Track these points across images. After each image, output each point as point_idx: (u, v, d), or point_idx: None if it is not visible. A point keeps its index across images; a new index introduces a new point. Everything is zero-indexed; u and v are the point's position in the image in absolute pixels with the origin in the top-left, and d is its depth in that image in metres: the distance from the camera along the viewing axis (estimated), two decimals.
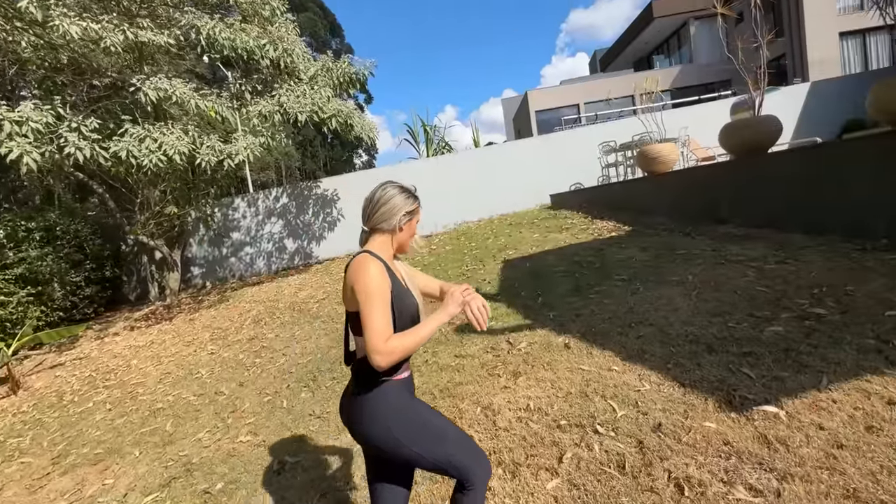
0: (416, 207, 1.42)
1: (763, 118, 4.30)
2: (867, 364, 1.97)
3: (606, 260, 4.51)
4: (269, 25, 6.32)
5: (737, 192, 4.62)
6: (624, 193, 6.74)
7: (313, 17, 42.38)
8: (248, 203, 9.30)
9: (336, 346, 3.95)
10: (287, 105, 5.88)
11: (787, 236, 4.07)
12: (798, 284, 2.97)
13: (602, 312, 3.24)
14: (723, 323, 2.66)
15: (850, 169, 3.57)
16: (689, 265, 3.85)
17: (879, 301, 2.50)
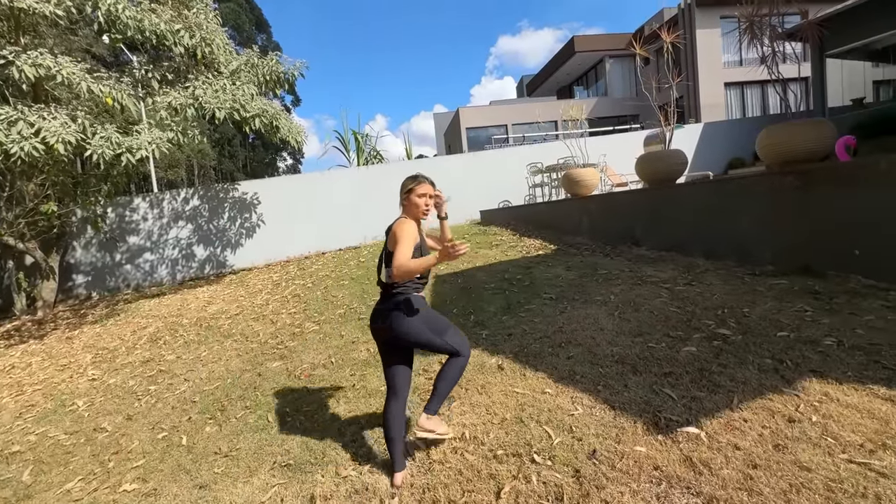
0: (413, 187, 2.07)
1: (673, 152, 4.75)
2: (768, 383, 2.16)
3: (535, 278, 4.63)
4: (185, 10, 5.68)
5: (649, 218, 5.02)
6: (549, 213, 7.06)
7: (237, 8, 39.85)
8: (150, 204, 8.25)
9: (250, 370, 3.55)
10: (203, 99, 5.28)
11: (692, 260, 4.49)
12: (704, 306, 3.24)
13: (533, 332, 3.28)
14: (644, 343, 2.79)
15: (740, 203, 4.03)
16: (611, 285, 4.07)
17: (771, 322, 2.80)
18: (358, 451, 2.21)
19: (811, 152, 3.50)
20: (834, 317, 2.75)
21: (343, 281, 5.86)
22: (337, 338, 3.90)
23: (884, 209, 3.01)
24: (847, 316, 2.74)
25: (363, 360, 3.33)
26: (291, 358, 3.61)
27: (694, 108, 16.62)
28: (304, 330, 4.24)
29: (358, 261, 7.10)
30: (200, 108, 5.30)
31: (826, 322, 2.70)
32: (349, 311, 4.56)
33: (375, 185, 9.68)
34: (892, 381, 2.04)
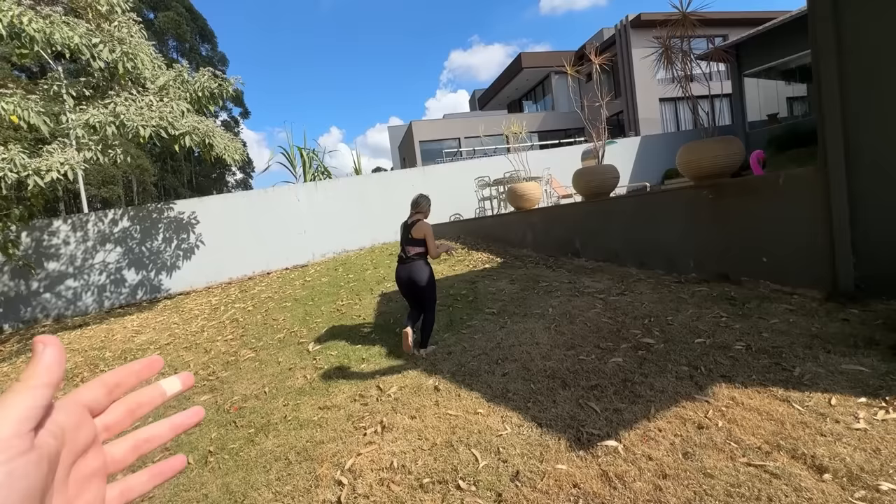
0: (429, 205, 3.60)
1: (605, 167, 4.98)
2: (682, 390, 2.27)
3: (479, 293, 4.67)
4: (105, 23, 5.33)
5: (587, 230, 5.22)
6: (496, 226, 7.19)
7: (177, 17, 38.29)
8: (72, 226, 7.60)
9: (175, 406, 3.30)
10: (126, 116, 4.93)
11: (626, 270, 4.70)
12: (634, 315, 3.39)
13: (472, 349, 3.28)
14: (575, 356, 2.87)
15: (665, 215, 4.28)
16: (550, 297, 4.18)
17: (690, 330, 2.96)
18: (282, 490, 2.10)
19: (723, 167, 3.78)
20: (745, 321, 2.95)
21: (286, 303, 5.65)
22: (273, 365, 3.73)
23: (784, 220, 3.29)
24: (756, 320, 2.95)
25: (298, 388, 3.19)
26: (222, 390, 3.41)
27: (633, 122, 17.63)
28: (239, 358, 4.03)
29: (304, 280, 6.89)
30: (122, 126, 4.94)
31: (738, 327, 2.89)
32: (289, 336, 4.39)
33: (322, 201, 9.48)
34: (788, 382, 2.20)
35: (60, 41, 4.59)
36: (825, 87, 2.94)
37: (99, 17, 5.35)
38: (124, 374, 0.33)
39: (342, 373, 3.30)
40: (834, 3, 2.82)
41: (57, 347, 0.28)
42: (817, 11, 2.90)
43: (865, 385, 2.04)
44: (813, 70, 3.04)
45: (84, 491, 0.29)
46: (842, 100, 2.89)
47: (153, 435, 0.35)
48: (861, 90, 2.81)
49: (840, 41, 2.85)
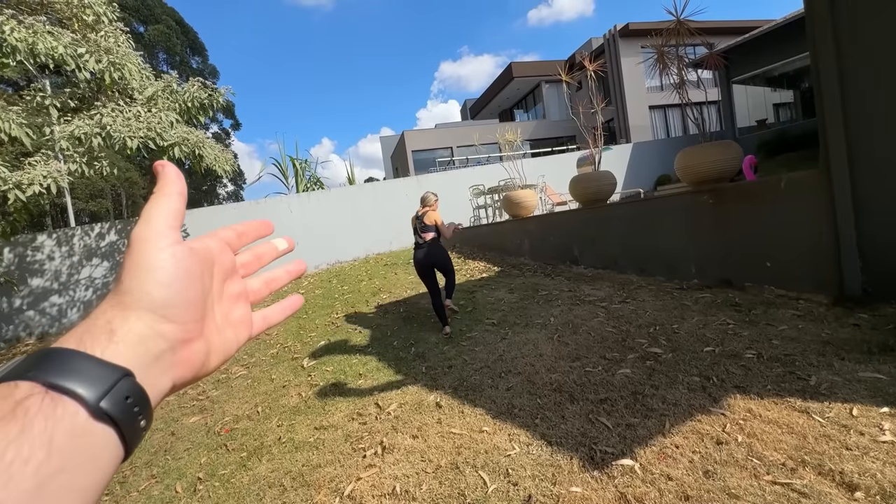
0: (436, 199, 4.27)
1: (602, 173, 4.93)
2: (696, 402, 2.17)
3: (478, 303, 4.57)
4: (91, 33, 5.21)
5: (585, 237, 5.16)
6: (492, 235, 7.12)
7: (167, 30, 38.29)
8: (57, 241, 7.39)
9: (163, 429, 3.15)
10: (112, 128, 4.80)
11: (626, 277, 4.64)
12: (638, 323, 3.31)
13: (474, 362, 3.18)
14: (581, 368, 2.77)
15: (665, 220, 4.23)
16: (551, 306, 4.09)
17: (698, 338, 2.88)
18: None
19: (721, 172, 3.74)
20: (753, 329, 2.87)
21: None
22: (266, 382, 3.58)
23: (786, 224, 3.24)
24: (764, 327, 2.88)
25: (293, 406, 3.06)
26: (212, 410, 3.26)
27: (624, 130, 17.78)
28: (231, 375, 3.88)
29: (297, 292, 6.73)
30: (108, 138, 4.80)
31: (746, 334, 2.81)
32: (282, 351, 4.25)
33: (315, 212, 9.35)
34: (805, 392, 2.12)
35: (44, 51, 4.46)
36: (825, 88, 2.92)
37: (85, 27, 5.23)
38: (247, 225, 0.40)
39: (339, 389, 3.17)
40: (831, 2, 2.80)
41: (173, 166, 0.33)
42: (815, 10, 2.88)
43: (886, 394, 1.96)
44: (812, 71, 3.01)
45: (235, 307, 0.36)
46: (843, 100, 2.86)
47: (276, 276, 0.42)
48: (863, 90, 2.78)
49: (839, 40, 2.83)
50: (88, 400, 0.23)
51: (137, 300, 0.27)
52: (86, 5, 5.10)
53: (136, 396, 0.25)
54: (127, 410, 0.25)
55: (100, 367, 0.24)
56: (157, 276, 0.28)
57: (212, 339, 0.32)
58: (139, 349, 0.26)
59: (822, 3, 2.84)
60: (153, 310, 0.27)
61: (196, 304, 0.30)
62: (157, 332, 0.27)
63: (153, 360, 0.27)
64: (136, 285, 0.28)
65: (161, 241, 0.29)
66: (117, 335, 0.26)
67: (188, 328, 0.29)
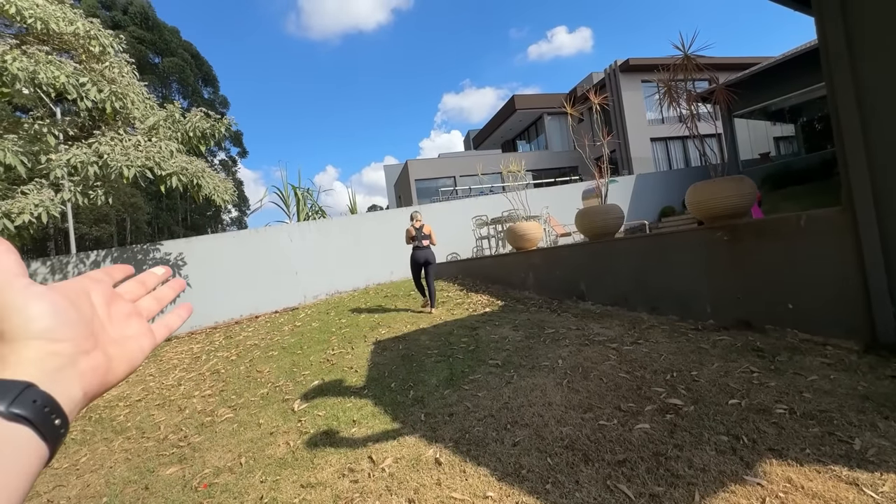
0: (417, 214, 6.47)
1: (609, 206, 4.80)
2: (727, 468, 1.94)
3: (481, 341, 4.35)
4: (95, 63, 5.24)
5: (593, 272, 4.98)
6: (496, 267, 6.94)
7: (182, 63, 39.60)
8: (51, 268, 7.25)
9: (136, 481, 2.89)
10: (110, 157, 4.73)
11: (637, 315, 4.42)
12: (654, 369, 3.08)
13: (477, 410, 2.93)
14: (594, 420, 2.54)
15: (678, 257, 4.05)
16: (558, 346, 3.86)
17: (721, 388, 2.65)
18: None
19: (736, 207, 3.60)
20: (780, 378, 2.65)
21: (272, 351, 5.26)
22: (253, 428, 3.33)
23: (809, 264, 3.06)
24: (792, 377, 2.65)
25: (279, 458, 2.80)
26: (192, 460, 3.00)
27: (626, 161, 17.89)
28: (216, 419, 3.62)
29: (293, 325, 6.51)
30: (105, 167, 4.73)
31: (773, 385, 2.58)
32: (273, 391, 4.00)
33: (315, 241, 9.23)
34: (850, 458, 1.88)
35: (45, 80, 4.45)
36: (844, 123, 2.80)
37: (91, 57, 5.28)
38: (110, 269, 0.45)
39: (330, 439, 2.92)
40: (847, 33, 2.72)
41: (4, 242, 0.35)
42: (829, 42, 2.80)
43: None
44: (829, 105, 2.91)
45: (129, 324, 0.41)
46: (864, 134, 2.74)
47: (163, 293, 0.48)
48: (882, 120, 2.66)
49: (856, 72, 2.73)
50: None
51: (18, 335, 0.30)
52: (92, 37, 5.16)
53: (42, 400, 0.29)
54: (37, 411, 0.29)
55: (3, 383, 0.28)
56: (26, 312, 0.31)
57: (110, 351, 0.36)
58: (34, 368, 0.30)
59: (838, 35, 2.76)
60: (38, 337, 0.31)
61: (77, 323, 0.34)
62: (50, 352, 0.31)
63: (54, 374, 0.31)
64: (11, 326, 0.30)
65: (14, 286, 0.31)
66: (9, 360, 0.30)
67: (79, 343, 0.33)
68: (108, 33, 5.39)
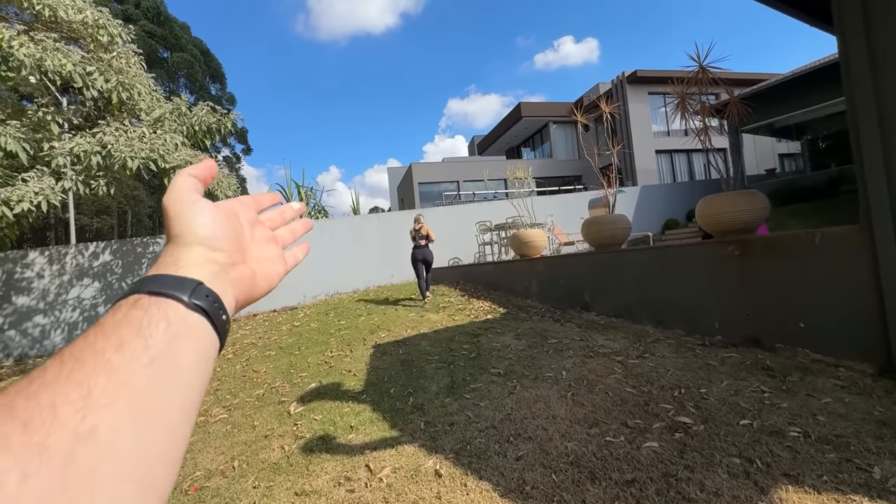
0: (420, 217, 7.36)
1: (617, 217, 4.74)
2: (741, 493, 1.86)
3: (482, 348, 4.27)
4: (103, 52, 5.19)
5: (598, 282, 4.91)
6: (499, 274, 6.87)
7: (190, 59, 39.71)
8: (49, 259, 7.17)
9: None
10: (114, 147, 4.67)
11: (641, 328, 4.35)
12: (661, 384, 3.00)
13: (478, 420, 2.85)
14: (601, 436, 2.45)
15: (686, 270, 3.98)
16: (562, 357, 3.79)
17: (731, 407, 2.57)
18: None
19: (747, 222, 3.53)
20: (792, 399, 2.57)
21: (269, 351, 5.18)
22: (248, 430, 3.25)
23: (823, 283, 2.99)
24: (804, 398, 2.58)
25: (273, 463, 2.72)
26: (183, 461, 2.91)
27: (630, 172, 17.87)
28: (210, 419, 3.54)
29: (291, 325, 6.43)
30: (108, 157, 4.67)
31: (785, 406, 2.51)
32: (269, 392, 3.92)
33: (318, 240, 9.16)
34: (870, 487, 1.81)
35: (52, 67, 4.39)
36: (865, 140, 2.74)
37: (99, 47, 5.23)
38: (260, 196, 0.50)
39: (326, 444, 2.84)
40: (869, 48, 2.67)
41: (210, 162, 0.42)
42: (851, 57, 2.75)
43: None
44: (849, 121, 2.85)
45: (267, 247, 0.45)
46: (884, 151, 2.68)
47: (297, 227, 0.54)
48: None
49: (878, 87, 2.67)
50: (182, 297, 0.32)
51: (188, 239, 0.36)
52: (100, 26, 5.11)
53: (212, 295, 0.34)
54: (211, 304, 0.34)
55: (180, 279, 0.33)
56: (196, 220, 0.37)
57: (255, 266, 0.42)
58: (199, 270, 0.35)
59: (860, 53, 2.71)
60: (201, 243, 0.36)
61: (231, 237, 0.39)
62: (209, 258, 0.36)
63: (213, 277, 0.36)
64: (182, 230, 0.36)
65: (187, 198, 0.38)
66: (181, 261, 0.35)
67: (231, 254, 0.39)
68: (117, 23, 5.35)
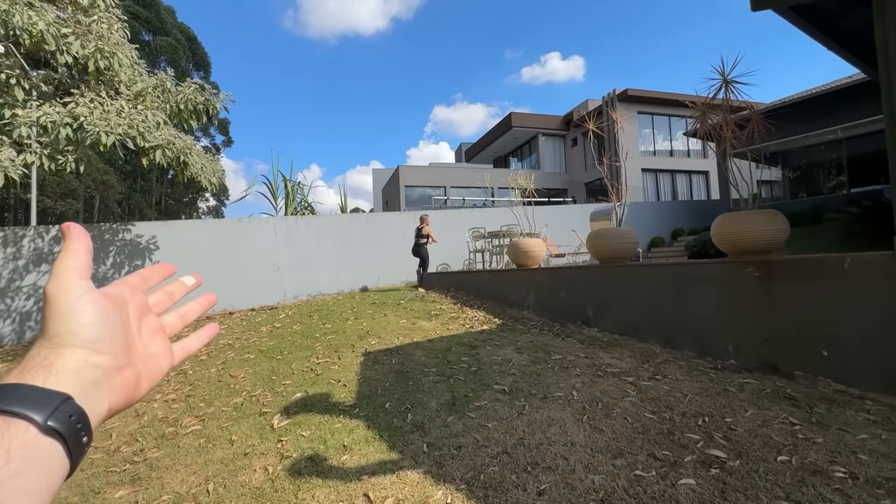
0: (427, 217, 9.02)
1: (625, 230, 4.59)
2: None
3: (482, 361, 4.01)
4: (82, 15, 4.70)
5: (602, 297, 4.73)
6: (494, 283, 6.64)
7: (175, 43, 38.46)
8: (3, 240, 6.51)
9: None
10: (87, 120, 4.19)
11: (648, 346, 4.17)
12: (681, 411, 2.80)
13: (488, 444, 2.58)
14: (629, 469, 2.22)
15: (699, 290, 3.83)
16: (569, 375, 3.56)
17: (763, 441, 2.39)
18: None
19: (769, 243, 3.41)
20: (827, 434, 2.40)
21: (248, 354, 4.76)
22: (224, 445, 2.87)
23: (849, 310, 2.87)
24: (838, 433, 2.42)
25: (255, 487, 2.37)
26: (148, 480, 2.52)
27: None
28: (180, 430, 3.14)
29: (272, 326, 6.01)
30: (80, 130, 4.18)
31: (821, 442, 2.33)
32: (249, 401, 3.54)
33: (304, 237, 8.74)
34: None
35: (20, 24, 3.90)
36: None
37: (78, 9, 4.74)
38: (150, 270, 0.45)
39: (316, 466, 2.51)
40: None
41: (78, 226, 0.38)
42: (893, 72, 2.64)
43: None
44: (888, 142, 2.75)
45: (154, 341, 0.41)
46: None
47: (189, 309, 0.48)
48: None
49: None
50: (38, 420, 0.28)
51: (67, 341, 0.32)
52: None
53: (77, 415, 0.31)
54: (71, 426, 0.30)
55: (44, 393, 0.30)
56: (80, 318, 0.33)
57: (140, 366, 0.38)
58: (76, 378, 0.32)
59: None
60: (83, 346, 0.33)
61: (119, 337, 0.36)
62: (91, 364, 0.33)
63: (90, 387, 0.32)
64: (63, 329, 0.33)
65: (75, 291, 0.34)
66: (55, 367, 0.31)
67: (117, 357, 0.35)
68: None
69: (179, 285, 0.48)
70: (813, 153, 12.41)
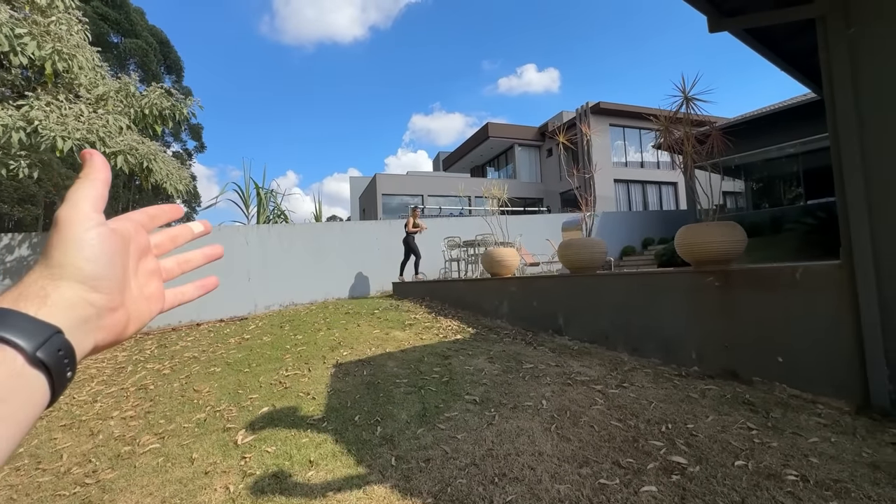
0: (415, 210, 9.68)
1: (595, 241, 4.69)
2: None
3: (455, 371, 4.00)
4: (39, 16, 4.50)
5: (573, 306, 4.81)
6: (468, 292, 6.66)
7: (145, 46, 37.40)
8: None
9: None
10: (42, 124, 4.00)
11: (616, 354, 4.26)
12: (646, 418, 2.86)
13: (457, 456, 2.57)
14: (593, 478, 2.25)
15: (663, 298, 3.95)
16: (539, 384, 3.60)
17: (722, 446, 2.46)
18: None
19: (727, 253, 3.55)
20: (781, 439, 2.50)
21: (214, 367, 4.61)
22: (184, 464, 2.76)
23: (802, 318, 3.01)
24: (792, 437, 2.52)
25: None
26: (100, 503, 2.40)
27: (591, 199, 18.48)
28: (137, 449, 3.00)
29: (241, 337, 5.83)
30: (34, 134, 3.99)
31: (776, 446, 2.43)
32: (212, 417, 3.42)
33: (276, 246, 8.57)
34: None
35: None
36: (849, 180, 2.80)
37: (35, 9, 4.54)
38: (158, 209, 0.43)
39: (280, 484, 2.44)
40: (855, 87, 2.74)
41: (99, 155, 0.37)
42: (836, 93, 2.81)
43: None
44: (833, 160, 2.92)
45: (149, 282, 0.40)
46: (866, 191, 2.74)
47: (191, 257, 0.47)
48: (889, 179, 2.66)
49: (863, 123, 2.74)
50: (26, 349, 0.28)
51: (68, 273, 0.32)
52: None
53: (66, 350, 0.30)
54: (58, 361, 0.30)
55: (35, 323, 0.29)
56: (85, 253, 0.32)
57: (131, 308, 0.37)
58: (69, 313, 0.31)
59: (845, 86, 2.78)
60: (83, 281, 0.32)
61: (119, 278, 0.35)
62: (87, 301, 0.32)
63: (81, 323, 0.32)
64: (66, 260, 0.32)
65: (87, 222, 0.33)
66: (50, 299, 0.30)
67: (113, 298, 0.34)
68: None
69: (185, 230, 0.48)
70: (773, 166, 13.05)
